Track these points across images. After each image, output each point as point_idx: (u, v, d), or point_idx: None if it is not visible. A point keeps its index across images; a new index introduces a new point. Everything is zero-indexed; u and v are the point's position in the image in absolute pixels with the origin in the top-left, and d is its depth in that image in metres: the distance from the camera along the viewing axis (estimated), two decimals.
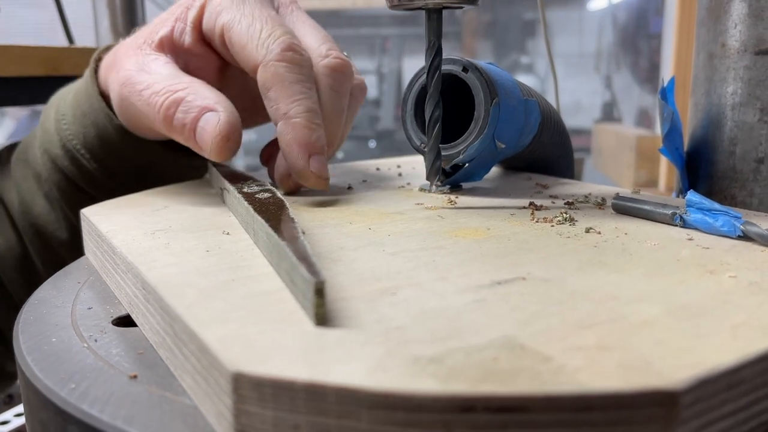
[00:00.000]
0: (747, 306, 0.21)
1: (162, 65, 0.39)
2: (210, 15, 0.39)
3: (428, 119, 0.35)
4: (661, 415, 0.16)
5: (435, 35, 0.35)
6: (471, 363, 0.17)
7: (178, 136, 0.37)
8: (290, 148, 0.35)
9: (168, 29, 0.41)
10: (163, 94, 0.37)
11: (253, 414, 0.17)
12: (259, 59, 0.36)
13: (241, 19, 0.38)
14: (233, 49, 0.38)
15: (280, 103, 0.36)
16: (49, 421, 0.21)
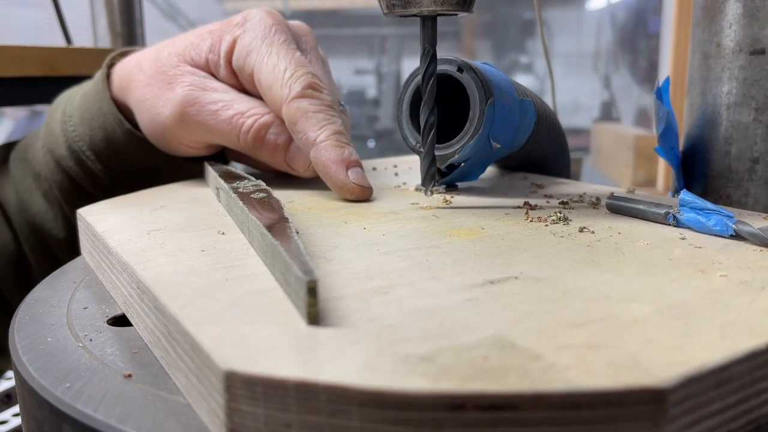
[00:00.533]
0: (737, 305, 0.21)
1: (222, 86, 0.42)
2: (240, 53, 0.42)
3: (423, 126, 0.35)
4: (650, 412, 0.16)
5: (429, 42, 0.35)
6: (461, 361, 0.17)
7: (264, 155, 0.41)
8: (327, 169, 0.38)
9: (203, 56, 0.43)
10: (251, 115, 0.40)
11: (245, 412, 0.17)
12: (284, 98, 0.39)
13: (267, 60, 0.40)
14: (261, 89, 0.41)
15: (308, 132, 0.38)
16: (44, 420, 0.22)
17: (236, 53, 0.42)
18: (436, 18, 0.35)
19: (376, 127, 3.80)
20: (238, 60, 0.42)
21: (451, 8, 0.33)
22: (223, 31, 0.43)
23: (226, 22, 0.44)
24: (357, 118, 3.98)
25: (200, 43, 0.43)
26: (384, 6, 0.35)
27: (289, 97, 0.39)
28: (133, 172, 0.47)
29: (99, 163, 0.46)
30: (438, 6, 0.33)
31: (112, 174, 0.47)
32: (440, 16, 0.35)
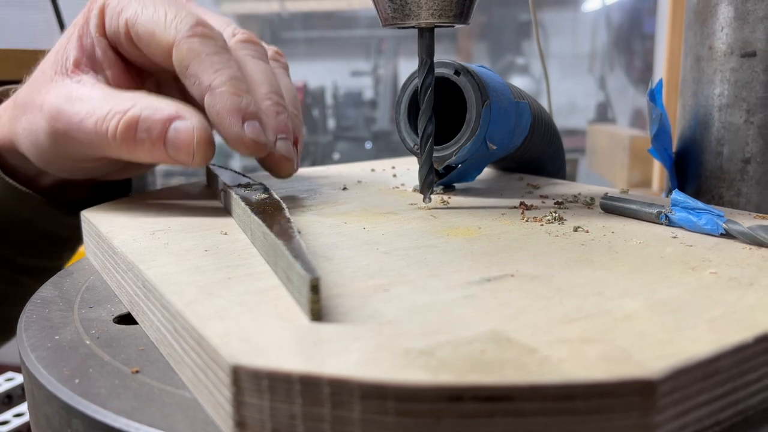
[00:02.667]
0: (725, 300, 0.21)
1: (90, 88, 0.37)
2: (111, 18, 0.37)
3: (421, 135, 0.36)
4: (640, 403, 0.16)
5: (427, 53, 0.36)
6: (459, 355, 0.18)
7: (144, 155, 0.35)
8: (221, 119, 0.34)
9: (76, 49, 0.38)
10: (112, 117, 0.35)
11: (251, 405, 0.18)
12: (171, 40, 0.35)
13: (143, 11, 0.36)
14: (141, 42, 0.37)
15: (201, 76, 0.34)
16: (54, 416, 0.22)
17: (107, 19, 0.38)
18: (433, 30, 0.36)
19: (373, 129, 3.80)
20: (110, 25, 0.37)
21: (448, 20, 0.34)
22: (87, 11, 0.39)
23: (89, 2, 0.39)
24: (354, 120, 3.98)
25: (69, 37, 0.39)
26: (382, 18, 0.35)
27: (177, 38, 0.35)
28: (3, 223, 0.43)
29: None
30: (435, 18, 0.34)
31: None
32: (437, 27, 0.35)
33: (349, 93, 4.05)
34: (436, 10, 0.34)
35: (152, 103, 0.35)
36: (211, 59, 0.35)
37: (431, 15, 0.34)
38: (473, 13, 0.36)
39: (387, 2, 0.34)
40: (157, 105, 0.35)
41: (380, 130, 3.75)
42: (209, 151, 0.35)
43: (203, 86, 0.34)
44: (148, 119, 0.34)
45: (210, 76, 0.34)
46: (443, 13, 0.34)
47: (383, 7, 0.35)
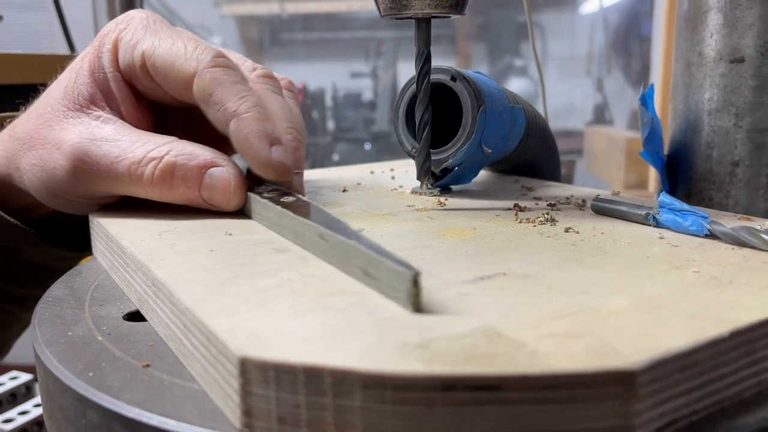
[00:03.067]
0: (705, 298, 0.23)
1: (113, 127, 0.37)
2: (125, 51, 0.38)
3: (418, 123, 0.37)
4: (621, 392, 0.18)
5: (424, 43, 0.37)
6: (453, 348, 0.19)
7: (177, 198, 0.36)
8: (249, 143, 0.35)
9: (90, 84, 0.38)
10: (148, 162, 0.36)
11: (258, 395, 0.19)
12: (192, 71, 0.36)
13: (160, 43, 0.37)
14: (158, 74, 0.37)
15: (227, 103, 0.35)
16: (68, 407, 0.23)
17: (121, 52, 0.38)
18: (430, 20, 0.37)
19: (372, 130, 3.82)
20: (124, 59, 0.38)
21: (444, 11, 0.36)
22: (99, 45, 0.39)
23: (97, 36, 0.40)
24: (353, 121, 4.00)
25: (79, 72, 0.39)
26: (381, 9, 0.37)
27: (200, 68, 0.36)
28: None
29: None
30: (432, 9, 0.35)
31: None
32: (434, 18, 0.37)
33: (348, 94, 4.07)
34: (432, 1, 0.35)
35: (187, 149, 0.36)
36: (235, 87, 0.36)
37: (428, 5, 0.35)
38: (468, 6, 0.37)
39: None
40: (192, 151, 0.36)
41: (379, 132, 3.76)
42: (242, 197, 0.36)
43: (229, 112, 0.35)
44: (185, 166, 0.36)
45: (236, 102, 0.35)
46: (439, 3, 0.35)
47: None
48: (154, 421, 0.20)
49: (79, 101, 0.38)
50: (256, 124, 0.35)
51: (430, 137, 0.37)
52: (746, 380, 0.21)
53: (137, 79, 0.39)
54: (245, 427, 0.19)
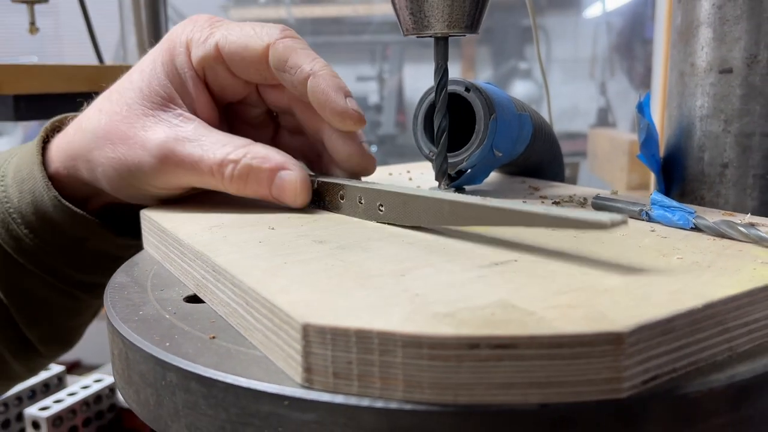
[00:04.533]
0: (685, 279, 0.27)
1: (194, 126, 0.41)
2: (198, 47, 0.41)
3: (436, 130, 0.42)
4: (612, 350, 0.22)
5: (442, 59, 0.42)
6: (475, 316, 0.23)
7: (250, 194, 0.41)
8: (327, 96, 0.39)
9: (167, 85, 0.42)
10: (228, 164, 0.40)
11: (317, 354, 0.23)
12: (265, 45, 0.40)
13: (230, 32, 0.41)
14: (234, 58, 0.41)
15: (302, 65, 0.40)
16: (149, 372, 0.28)
17: (194, 49, 0.42)
18: (447, 38, 0.42)
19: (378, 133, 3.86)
20: (198, 54, 0.41)
21: (460, 30, 0.40)
22: (170, 46, 0.42)
23: (166, 39, 0.43)
24: None
25: (153, 73, 0.42)
26: (404, 29, 0.41)
27: (272, 40, 0.40)
28: (58, 240, 0.46)
29: (25, 227, 0.45)
30: (449, 29, 0.40)
31: (36, 239, 0.46)
32: (451, 36, 0.41)
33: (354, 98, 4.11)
34: (450, 22, 0.40)
35: (261, 152, 0.40)
36: (306, 51, 0.40)
37: (446, 26, 0.40)
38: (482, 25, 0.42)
39: (408, 15, 0.40)
40: (266, 154, 0.40)
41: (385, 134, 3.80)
42: (308, 195, 0.41)
43: (305, 72, 0.40)
44: (259, 168, 0.40)
45: (309, 63, 0.40)
46: (456, 24, 0.40)
47: (405, 19, 0.41)
48: (228, 379, 0.25)
49: (157, 101, 0.41)
50: (331, 79, 0.40)
51: (447, 143, 0.42)
52: (718, 345, 0.25)
53: (212, 72, 0.42)
54: (306, 381, 0.24)
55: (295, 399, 0.23)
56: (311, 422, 0.23)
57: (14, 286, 0.48)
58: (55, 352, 0.54)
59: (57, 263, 0.47)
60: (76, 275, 0.49)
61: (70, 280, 0.49)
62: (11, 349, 0.50)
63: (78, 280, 0.49)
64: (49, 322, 0.51)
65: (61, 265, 0.47)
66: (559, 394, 0.22)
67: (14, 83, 0.58)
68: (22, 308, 0.49)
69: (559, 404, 0.22)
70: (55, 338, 0.52)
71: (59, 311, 0.50)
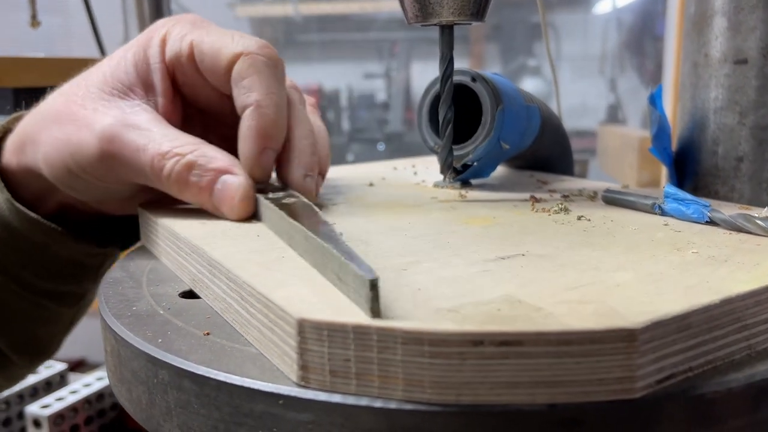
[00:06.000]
0: (701, 273, 0.26)
1: (146, 117, 0.38)
2: (174, 41, 0.39)
3: (441, 121, 0.41)
4: (624, 348, 0.21)
5: (447, 48, 0.40)
6: (480, 312, 0.22)
7: (189, 197, 0.38)
8: (250, 133, 0.36)
9: (132, 74, 0.39)
10: (171, 157, 0.37)
11: (314, 351, 0.22)
12: (237, 52, 0.37)
13: (208, 34, 0.39)
14: (205, 60, 0.38)
15: (254, 92, 0.37)
16: (140, 369, 0.27)
17: (169, 44, 0.39)
18: (453, 27, 0.40)
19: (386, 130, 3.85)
20: (172, 49, 0.39)
21: (466, 18, 0.39)
22: (147, 38, 0.40)
23: (146, 31, 0.41)
24: (367, 122, 4.03)
25: (120, 60, 0.40)
26: (408, 16, 0.40)
27: (247, 49, 0.37)
28: (19, 246, 0.43)
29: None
30: (455, 17, 0.39)
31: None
32: (457, 25, 0.40)
33: (362, 95, 4.10)
34: (456, 9, 0.38)
35: (208, 153, 0.37)
36: (269, 80, 0.37)
37: (452, 14, 0.38)
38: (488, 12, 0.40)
39: (412, 2, 0.39)
40: (214, 155, 0.37)
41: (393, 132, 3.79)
42: (249, 207, 0.37)
43: (250, 99, 0.37)
44: (201, 167, 0.37)
45: (262, 95, 0.37)
46: (462, 11, 0.38)
47: (409, 7, 0.39)
48: (221, 377, 0.24)
49: (117, 87, 0.39)
50: (267, 121, 0.37)
51: (452, 134, 0.41)
52: (737, 343, 0.24)
53: (181, 69, 0.40)
54: (302, 380, 0.22)
55: (291, 398, 0.22)
56: (307, 422, 0.22)
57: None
58: (29, 362, 0.50)
59: (19, 270, 0.44)
60: (40, 283, 0.45)
61: (35, 288, 0.46)
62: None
63: (43, 289, 0.46)
64: (19, 330, 0.47)
65: (24, 272, 0.44)
66: (568, 393, 0.21)
67: (14, 76, 0.57)
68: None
69: (568, 404, 0.21)
70: (28, 347, 0.49)
71: (27, 320, 0.47)
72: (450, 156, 0.41)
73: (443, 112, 0.40)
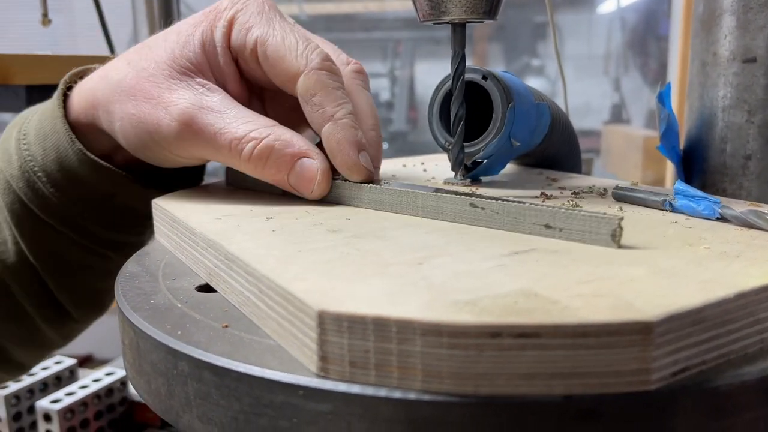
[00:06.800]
0: (715, 268, 0.26)
1: (220, 99, 0.40)
2: (239, 32, 0.40)
3: (453, 118, 0.41)
4: (640, 340, 0.21)
5: (459, 46, 0.41)
6: (497, 305, 0.22)
7: (266, 177, 0.40)
8: (341, 147, 0.39)
9: (200, 54, 0.41)
10: (249, 141, 0.38)
11: (333, 343, 0.22)
12: (300, 68, 0.39)
13: (274, 33, 0.40)
14: (267, 62, 0.40)
15: (326, 106, 0.39)
16: (160, 361, 0.27)
17: (234, 32, 0.41)
18: (465, 25, 0.41)
19: (390, 130, 3.86)
20: (237, 39, 0.40)
21: (478, 16, 0.39)
22: (214, 17, 0.41)
23: (212, 8, 0.42)
24: None
25: (189, 39, 0.41)
26: (420, 14, 0.40)
27: (308, 67, 0.39)
28: (85, 197, 0.45)
29: (50, 185, 0.45)
30: (467, 15, 0.39)
31: (62, 198, 0.45)
32: (469, 23, 0.40)
33: None
34: (468, 8, 0.39)
35: (285, 136, 0.39)
36: (335, 93, 0.39)
37: (464, 12, 0.39)
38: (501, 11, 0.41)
39: (425, 1, 0.39)
40: (290, 139, 0.39)
41: (397, 131, 3.80)
42: (326, 188, 0.39)
43: (326, 115, 0.39)
44: (280, 151, 0.39)
45: (334, 107, 0.39)
46: (474, 9, 0.39)
47: (421, 5, 0.40)
48: (241, 368, 0.24)
49: (187, 66, 0.40)
50: (349, 131, 0.39)
51: (464, 131, 0.41)
52: (750, 337, 0.24)
53: (244, 60, 0.41)
54: (321, 371, 0.23)
55: (310, 389, 0.23)
56: (327, 413, 0.22)
57: (43, 247, 0.47)
58: (87, 317, 0.52)
59: (85, 222, 0.46)
60: (105, 233, 0.47)
61: (100, 238, 0.47)
62: (43, 314, 0.49)
63: (107, 239, 0.48)
64: (81, 283, 0.50)
65: (90, 223, 0.46)
66: (585, 385, 0.21)
67: (27, 73, 0.57)
68: (52, 270, 0.48)
69: (584, 396, 0.21)
70: (88, 301, 0.51)
71: (90, 272, 0.49)
72: (461, 153, 0.41)
73: (455, 109, 0.40)
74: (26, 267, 0.47)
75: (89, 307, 0.52)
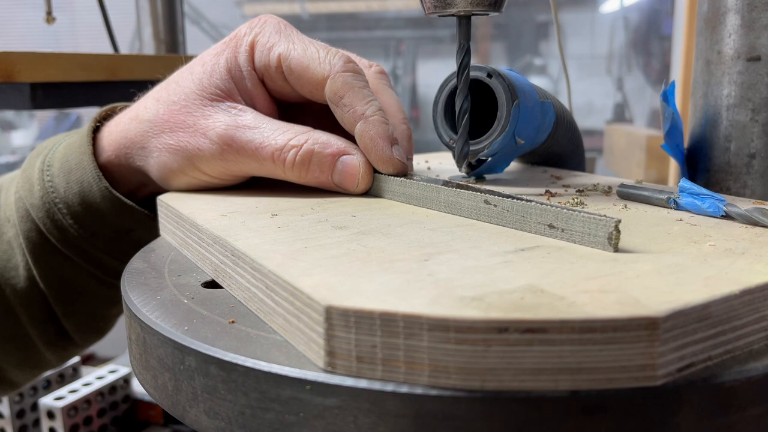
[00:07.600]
0: (720, 265, 0.26)
1: (253, 116, 0.42)
2: (261, 52, 0.42)
3: (458, 111, 0.41)
4: (646, 336, 0.21)
5: (464, 38, 0.41)
6: (504, 300, 0.22)
7: (311, 181, 0.41)
8: (375, 143, 0.40)
9: (227, 80, 0.42)
10: (290, 149, 0.40)
11: (340, 338, 0.22)
12: (326, 74, 0.40)
13: (295, 47, 0.41)
14: (293, 75, 0.42)
15: (355, 106, 0.40)
16: (167, 356, 0.27)
17: (257, 53, 0.42)
18: (470, 17, 0.41)
19: None
20: (260, 59, 0.42)
21: (484, 9, 0.39)
22: (235, 44, 0.43)
23: (232, 36, 0.44)
24: None
25: (214, 67, 0.43)
26: (425, 7, 0.40)
27: (333, 71, 0.40)
28: (105, 232, 0.47)
29: (70, 217, 0.46)
30: (473, 7, 0.39)
31: (81, 230, 0.46)
32: (474, 15, 0.40)
33: None
34: (473, 0, 0.39)
35: (322, 138, 0.41)
36: (363, 92, 0.40)
37: (469, 4, 0.39)
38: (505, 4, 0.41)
39: None
40: (327, 140, 0.41)
41: None
42: (370, 181, 0.41)
43: (357, 114, 0.40)
44: (321, 154, 0.40)
45: (363, 106, 0.40)
46: (480, 2, 0.39)
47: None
48: (248, 363, 0.24)
49: (216, 94, 0.42)
50: (381, 126, 0.40)
51: (469, 124, 0.41)
52: (755, 333, 0.24)
53: (270, 79, 0.43)
54: (328, 366, 0.23)
55: (318, 383, 0.23)
56: (333, 407, 0.23)
57: (55, 275, 0.48)
58: (89, 342, 0.54)
59: (100, 253, 0.47)
60: (118, 265, 0.48)
61: (112, 270, 0.49)
62: (46, 339, 0.50)
63: (119, 270, 0.48)
64: (88, 311, 0.51)
65: (105, 255, 0.47)
66: (591, 380, 0.21)
67: (31, 71, 0.58)
68: (62, 298, 0.49)
69: (591, 391, 0.21)
70: (91, 327, 0.52)
71: (98, 301, 0.50)
72: (466, 146, 0.41)
73: (459, 102, 0.41)
74: (35, 293, 0.48)
75: (92, 333, 0.53)
